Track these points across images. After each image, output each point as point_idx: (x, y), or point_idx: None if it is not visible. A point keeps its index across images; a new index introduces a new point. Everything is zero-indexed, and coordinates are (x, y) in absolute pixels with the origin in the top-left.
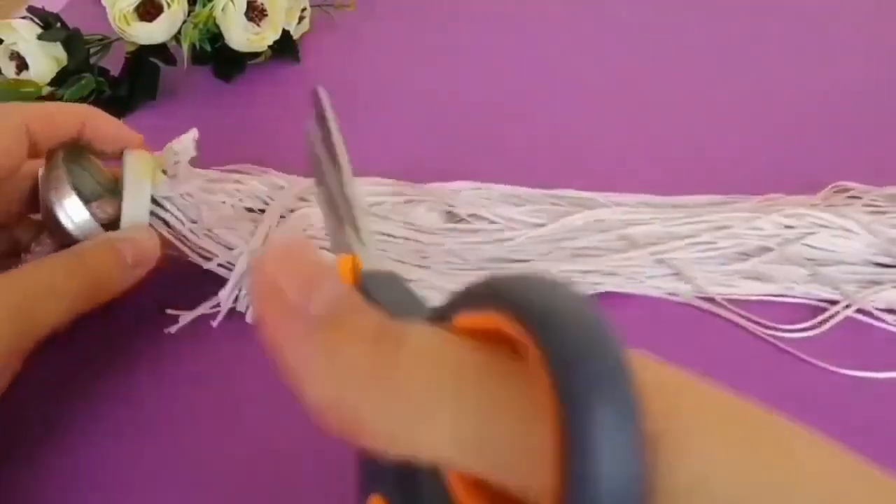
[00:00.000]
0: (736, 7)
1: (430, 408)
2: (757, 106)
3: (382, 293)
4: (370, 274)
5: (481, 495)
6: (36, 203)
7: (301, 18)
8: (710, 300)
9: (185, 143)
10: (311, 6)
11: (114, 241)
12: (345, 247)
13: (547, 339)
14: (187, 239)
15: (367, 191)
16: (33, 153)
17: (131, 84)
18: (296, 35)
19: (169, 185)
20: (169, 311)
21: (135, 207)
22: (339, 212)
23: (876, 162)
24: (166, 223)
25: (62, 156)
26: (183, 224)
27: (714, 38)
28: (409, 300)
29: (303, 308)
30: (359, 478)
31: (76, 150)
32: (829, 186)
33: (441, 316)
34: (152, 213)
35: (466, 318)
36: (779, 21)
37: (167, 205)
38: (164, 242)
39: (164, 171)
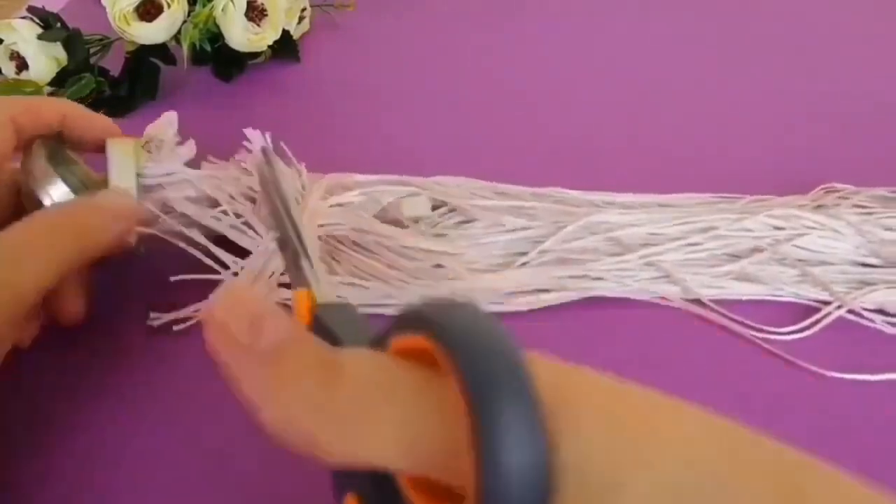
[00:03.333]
0: (727, 9)
1: (369, 425)
2: (748, 107)
3: (336, 323)
4: (324, 306)
5: (425, 489)
6: (21, 203)
7: (301, 18)
8: (700, 303)
9: (163, 125)
10: (311, 6)
11: (93, 198)
12: (301, 282)
13: (456, 354)
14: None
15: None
16: (20, 146)
17: (131, 84)
18: (296, 35)
19: (153, 164)
20: (152, 315)
21: (121, 185)
22: (294, 249)
23: (864, 163)
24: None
25: (42, 145)
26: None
27: (704, 39)
28: (359, 328)
29: (251, 346)
30: (334, 477)
31: (55, 145)
32: (819, 187)
33: (383, 339)
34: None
35: (399, 341)
36: (771, 24)
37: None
38: (148, 220)
39: (149, 152)
